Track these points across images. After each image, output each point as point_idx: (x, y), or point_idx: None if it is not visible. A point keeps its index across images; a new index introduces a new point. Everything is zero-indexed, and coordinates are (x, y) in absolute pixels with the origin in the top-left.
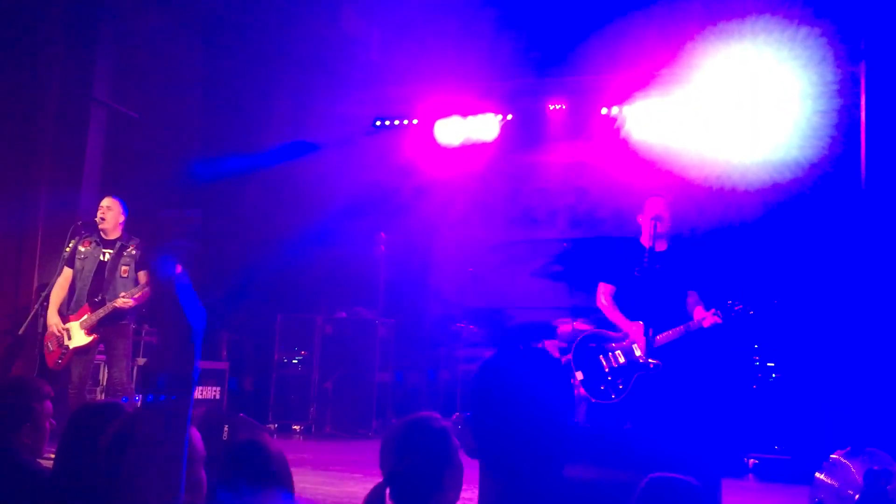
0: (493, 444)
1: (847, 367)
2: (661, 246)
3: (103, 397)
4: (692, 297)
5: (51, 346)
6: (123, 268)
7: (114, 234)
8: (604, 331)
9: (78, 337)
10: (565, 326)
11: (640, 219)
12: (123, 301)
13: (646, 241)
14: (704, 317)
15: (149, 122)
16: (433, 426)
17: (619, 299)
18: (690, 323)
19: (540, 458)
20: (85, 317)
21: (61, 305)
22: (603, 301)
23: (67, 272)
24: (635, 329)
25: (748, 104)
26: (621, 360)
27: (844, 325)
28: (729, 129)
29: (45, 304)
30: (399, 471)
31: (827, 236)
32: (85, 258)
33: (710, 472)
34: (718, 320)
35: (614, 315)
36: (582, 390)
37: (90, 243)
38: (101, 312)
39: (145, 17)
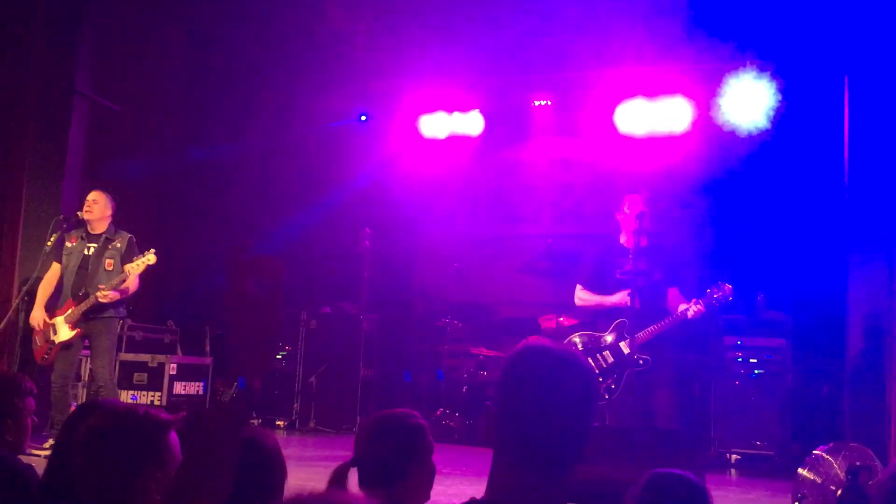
0: (513, 435)
1: (830, 364)
2: (643, 241)
3: (84, 393)
4: (672, 293)
5: (38, 341)
6: (108, 261)
7: (100, 228)
8: (591, 332)
9: (63, 331)
10: (549, 322)
11: (619, 216)
12: (103, 294)
13: (628, 239)
14: (688, 307)
15: (132, 114)
16: (408, 422)
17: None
18: (674, 315)
19: (557, 455)
20: (69, 311)
21: (49, 301)
22: (579, 299)
23: (56, 267)
24: (620, 297)
25: (733, 105)
26: (610, 359)
27: (827, 322)
28: (714, 130)
29: (27, 298)
30: (365, 456)
31: (812, 233)
32: (70, 253)
33: (696, 467)
34: (702, 309)
35: (596, 300)
36: None
37: (76, 239)
38: (84, 306)
39: (129, 8)
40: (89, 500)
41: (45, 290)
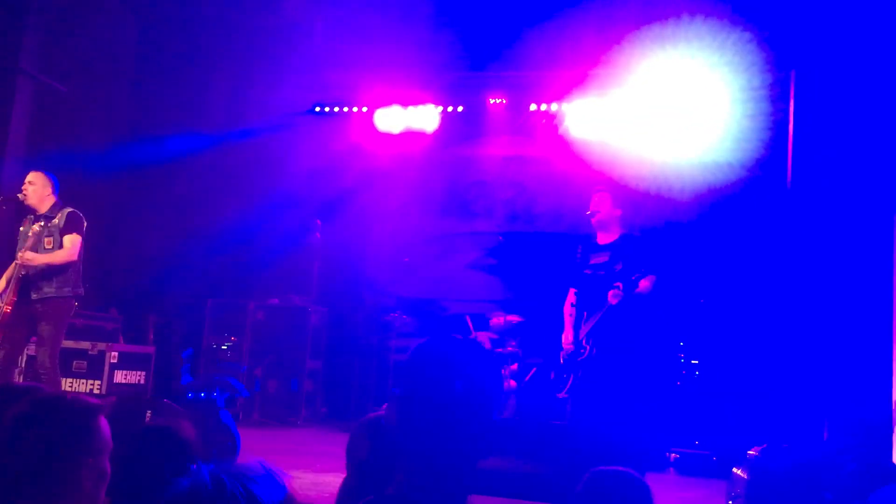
0: (414, 427)
1: (767, 366)
2: (605, 238)
3: (21, 380)
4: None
5: None
6: (47, 239)
7: (44, 208)
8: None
9: (1, 313)
10: (498, 319)
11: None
12: (31, 256)
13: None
14: (611, 294)
15: (78, 97)
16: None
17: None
18: (606, 305)
19: (456, 447)
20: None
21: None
22: (566, 309)
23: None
24: (565, 342)
25: (682, 106)
26: (565, 353)
27: (766, 325)
28: (663, 129)
29: None
30: (368, 464)
31: (754, 237)
32: (21, 237)
33: (635, 464)
34: (620, 292)
35: (566, 323)
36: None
37: (28, 221)
38: (14, 284)
39: None
40: (15, 492)
41: (7, 275)
